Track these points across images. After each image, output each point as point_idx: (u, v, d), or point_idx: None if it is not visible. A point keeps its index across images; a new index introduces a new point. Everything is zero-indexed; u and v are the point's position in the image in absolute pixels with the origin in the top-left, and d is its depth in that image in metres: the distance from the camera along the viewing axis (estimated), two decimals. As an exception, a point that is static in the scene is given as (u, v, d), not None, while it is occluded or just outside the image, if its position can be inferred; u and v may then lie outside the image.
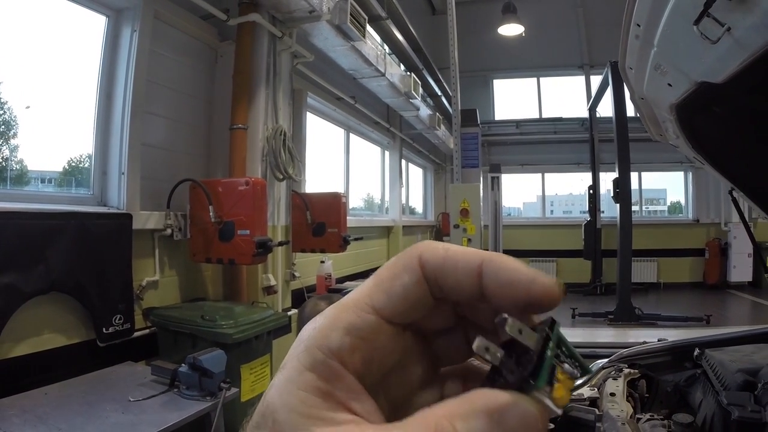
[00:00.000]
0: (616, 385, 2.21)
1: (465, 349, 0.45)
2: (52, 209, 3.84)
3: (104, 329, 4.06)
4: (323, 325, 0.40)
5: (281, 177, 5.53)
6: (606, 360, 2.52)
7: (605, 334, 9.22)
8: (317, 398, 0.36)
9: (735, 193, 2.28)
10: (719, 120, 1.82)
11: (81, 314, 4.01)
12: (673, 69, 1.61)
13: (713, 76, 1.43)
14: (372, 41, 7.86)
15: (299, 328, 2.68)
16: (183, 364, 3.35)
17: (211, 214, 4.52)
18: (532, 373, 0.36)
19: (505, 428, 0.33)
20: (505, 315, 0.37)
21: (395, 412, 0.42)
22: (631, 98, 2.21)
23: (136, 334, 4.38)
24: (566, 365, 0.38)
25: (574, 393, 2.13)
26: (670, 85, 1.68)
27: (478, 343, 0.38)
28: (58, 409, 3.09)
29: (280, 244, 5.42)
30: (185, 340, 4.12)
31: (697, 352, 2.37)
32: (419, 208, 17.34)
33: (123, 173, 4.49)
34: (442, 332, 0.46)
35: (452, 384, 0.47)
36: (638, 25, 1.63)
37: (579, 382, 0.38)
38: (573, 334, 9.45)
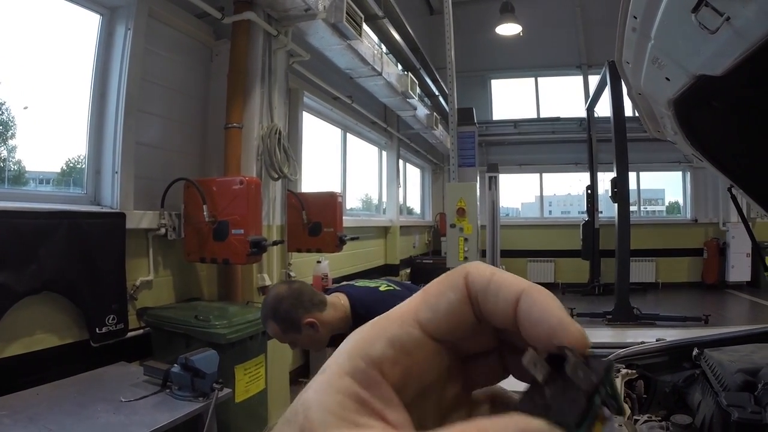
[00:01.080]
0: (614, 386, 2.18)
1: (498, 372, 0.47)
2: (44, 208, 3.82)
3: (97, 329, 4.04)
4: (368, 334, 0.40)
5: (276, 176, 5.51)
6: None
7: (603, 334, 9.18)
8: (353, 403, 0.36)
9: (734, 191, 2.26)
10: (718, 115, 1.81)
11: (74, 314, 3.99)
12: (670, 62, 1.59)
13: (712, 68, 1.40)
14: (369, 40, 7.85)
15: (263, 315, 2.76)
16: (175, 365, 3.33)
17: (205, 213, 4.50)
18: (578, 416, 0.35)
19: None
20: (566, 348, 0.37)
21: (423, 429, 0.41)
22: (629, 94, 2.18)
23: (130, 334, 4.36)
24: (605, 408, 0.36)
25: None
26: (668, 79, 1.66)
27: (529, 356, 0.38)
28: (50, 410, 3.06)
29: (275, 243, 5.41)
30: (179, 340, 4.10)
31: (695, 352, 2.34)
32: (417, 209, 17.34)
33: (117, 172, 4.47)
34: (479, 354, 0.46)
35: (481, 407, 0.47)
36: (635, 18, 1.60)
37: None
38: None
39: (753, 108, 1.62)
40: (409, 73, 9.89)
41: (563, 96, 17.84)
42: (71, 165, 4.70)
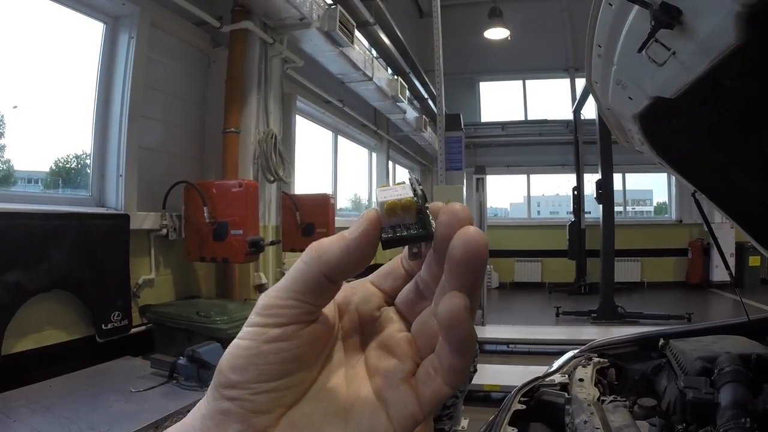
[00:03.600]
0: (585, 372, 2.39)
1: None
2: (54, 210, 3.99)
3: (103, 325, 4.20)
4: None
5: (272, 179, 5.68)
6: (577, 350, 2.70)
7: (588, 332, 9.38)
8: None
9: (697, 196, 2.46)
10: (677, 129, 1.99)
11: (81, 311, 4.15)
12: (631, 84, 1.78)
13: (665, 91, 1.59)
14: (360, 46, 7.99)
15: None
16: (182, 357, 3.51)
17: (205, 214, 4.66)
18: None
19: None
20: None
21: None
22: (599, 109, 2.38)
23: (133, 330, 4.50)
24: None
25: (547, 380, 2.31)
26: (630, 98, 1.84)
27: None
28: (63, 400, 3.24)
29: (272, 243, 5.58)
30: (181, 335, 4.26)
31: (661, 342, 2.54)
32: (407, 209, 17.36)
33: (121, 175, 4.63)
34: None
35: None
36: (599, 46, 1.79)
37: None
38: (557, 332, 9.64)
39: (704, 125, 1.82)
40: (399, 78, 10.00)
41: (551, 98, 17.95)
42: (60, 165, 4.83)
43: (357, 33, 7.41)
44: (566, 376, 2.39)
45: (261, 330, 0.43)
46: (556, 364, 2.58)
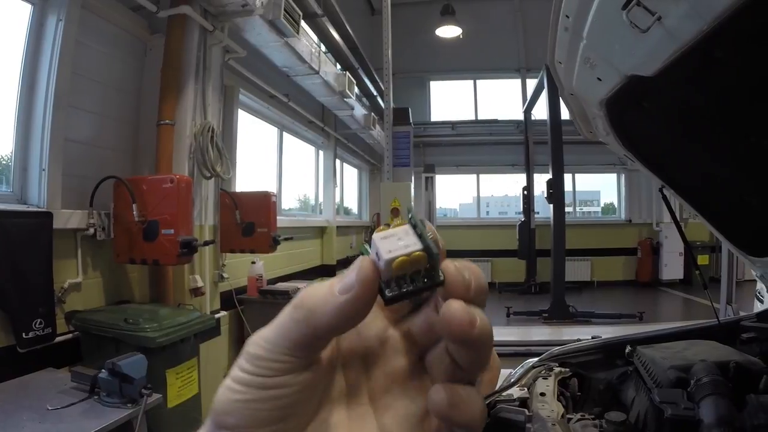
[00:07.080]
0: (546, 385, 2.19)
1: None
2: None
3: (24, 334, 3.87)
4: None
5: (209, 175, 5.42)
6: (536, 359, 2.50)
7: (540, 333, 9.39)
8: None
9: (665, 191, 2.29)
10: (649, 116, 1.82)
11: (-2, 318, 3.83)
12: (602, 62, 1.59)
13: (643, 69, 1.41)
14: (307, 39, 7.82)
15: None
16: (103, 370, 3.22)
17: (134, 212, 4.37)
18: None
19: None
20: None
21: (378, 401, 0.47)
22: (561, 94, 2.19)
23: (59, 339, 4.18)
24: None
25: (504, 394, 2.10)
26: (599, 79, 1.66)
27: None
28: (-30, 419, 2.94)
29: (206, 243, 5.32)
30: (108, 344, 3.95)
31: (628, 349, 2.38)
32: (354, 209, 17.29)
33: (44, 169, 4.30)
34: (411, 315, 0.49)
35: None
36: (567, 17, 1.60)
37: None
38: (508, 333, 9.57)
39: (683, 108, 1.63)
40: (347, 73, 9.87)
41: (501, 98, 18.12)
42: (5, 163, 4.53)
43: (304, 24, 7.24)
44: (525, 389, 2.18)
45: (252, 378, 0.41)
46: (514, 376, 2.38)
